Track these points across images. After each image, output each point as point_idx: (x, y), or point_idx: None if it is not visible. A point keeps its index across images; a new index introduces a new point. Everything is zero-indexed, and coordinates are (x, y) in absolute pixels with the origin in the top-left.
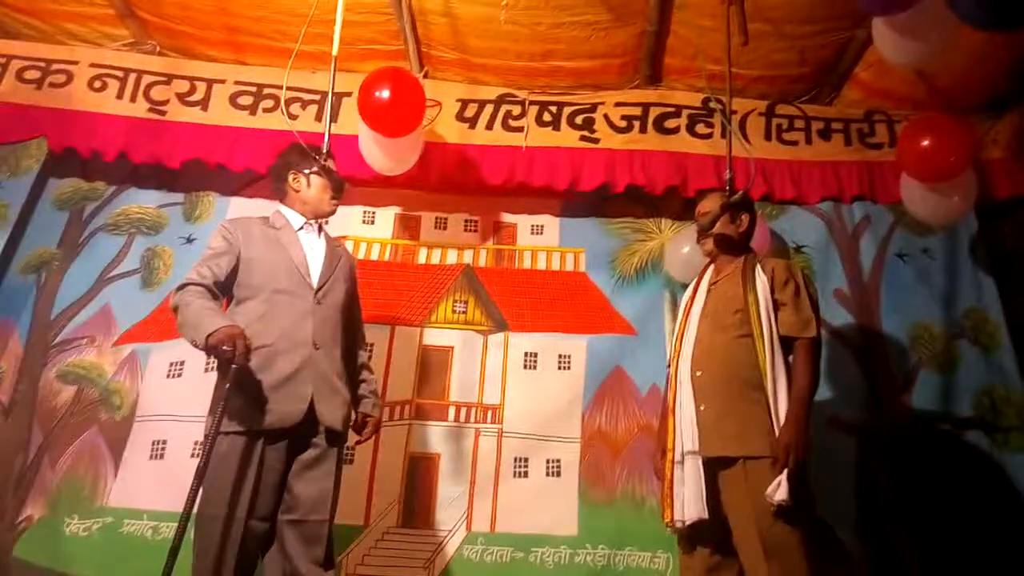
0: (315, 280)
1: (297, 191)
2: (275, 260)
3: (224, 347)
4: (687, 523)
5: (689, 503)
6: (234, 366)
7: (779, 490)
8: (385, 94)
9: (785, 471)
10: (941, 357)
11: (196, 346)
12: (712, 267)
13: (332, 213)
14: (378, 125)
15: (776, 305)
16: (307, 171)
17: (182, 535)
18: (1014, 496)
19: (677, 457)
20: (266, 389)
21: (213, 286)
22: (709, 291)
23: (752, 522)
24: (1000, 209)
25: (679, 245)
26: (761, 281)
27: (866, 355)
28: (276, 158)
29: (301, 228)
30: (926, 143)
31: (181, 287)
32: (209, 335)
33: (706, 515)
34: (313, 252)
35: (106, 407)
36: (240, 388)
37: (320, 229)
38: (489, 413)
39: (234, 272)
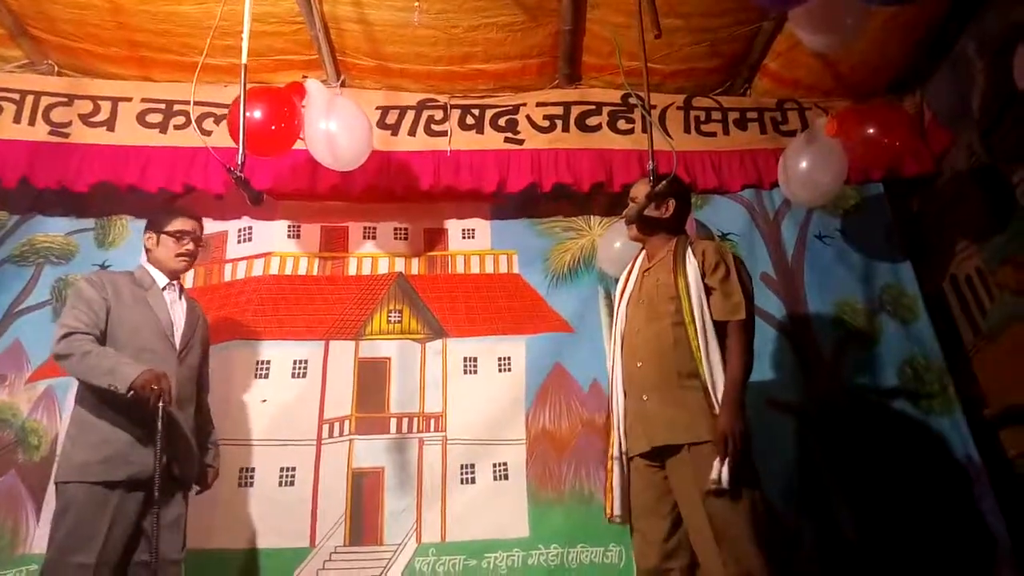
0: (178, 342)
1: (150, 250)
2: (141, 319)
3: (152, 386)
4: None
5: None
6: (162, 405)
7: (719, 476)
8: (257, 115)
9: (723, 456)
10: (865, 332)
11: (111, 389)
12: (644, 253)
13: (184, 271)
14: (256, 147)
15: (707, 289)
16: (157, 231)
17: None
18: (942, 458)
19: (615, 452)
20: (126, 443)
21: (100, 335)
22: (642, 278)
23: (700, 508)
24: (908, 186)
25: (610, 241)
26: (692, 266)
27: (795, 334)
28: None
29: (165, 289)
30: (872, 130)
31: (68, 335)
32: (134, 379)
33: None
34: (176, 314)
35: (23, 448)
36: (103, 441)
37: (181, 291)
38: (432, 422)
39: (106, 325)
